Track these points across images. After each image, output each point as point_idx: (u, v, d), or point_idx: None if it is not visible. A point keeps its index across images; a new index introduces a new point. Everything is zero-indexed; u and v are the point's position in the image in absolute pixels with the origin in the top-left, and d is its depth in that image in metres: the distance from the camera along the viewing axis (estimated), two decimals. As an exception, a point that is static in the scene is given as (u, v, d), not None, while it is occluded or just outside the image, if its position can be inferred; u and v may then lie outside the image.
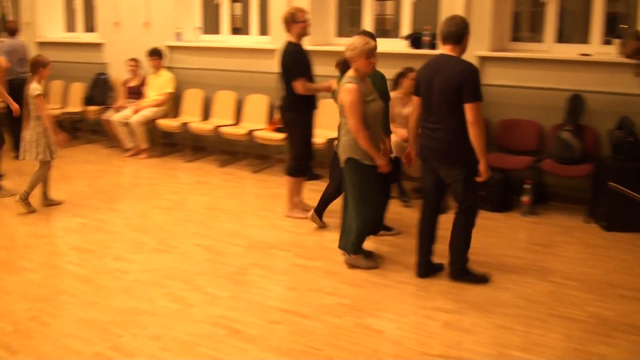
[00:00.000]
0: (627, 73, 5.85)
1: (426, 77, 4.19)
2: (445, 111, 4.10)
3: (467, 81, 4.00)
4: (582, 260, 4.88)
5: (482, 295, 4.20)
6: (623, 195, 5.38)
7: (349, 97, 4.22)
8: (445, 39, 4.15)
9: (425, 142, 4.29)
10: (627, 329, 3.81)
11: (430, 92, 4.15)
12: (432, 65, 4.20)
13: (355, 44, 4.23)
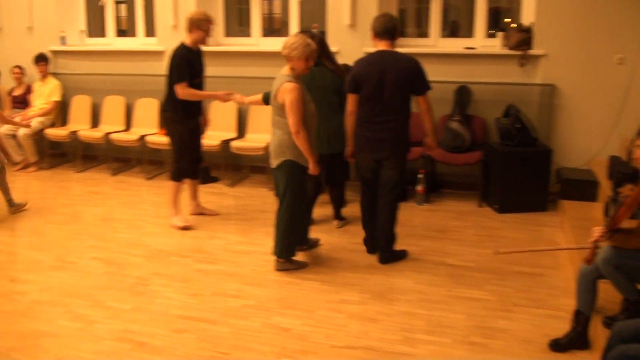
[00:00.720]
0: (511, 64, 6.16)
1: (374, 74, 4.31)
2: (398, 104, 4.34)
3: (420, 74, 4.33)
4: (478, 242, 5.10)
5: (384, 284, 4.30)
6: (513, 179, 5.70)
7: (291, 96, 4.13)
8: (382, 35, 4.35)
9: (373, 135, 4.42)
10: (526, 303, 4.03)
11: (379, 87, 4.31)
12: (377, 62, 4.34)
13: (295, 45, 4.16)
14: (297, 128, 4.16)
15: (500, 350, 3.47)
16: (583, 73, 6.01)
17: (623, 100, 5.95)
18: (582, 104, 6.07)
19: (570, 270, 4.43)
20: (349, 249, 4.90)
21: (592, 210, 5.31)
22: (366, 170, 4.61)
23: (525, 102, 6.10)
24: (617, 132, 5.97)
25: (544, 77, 6.09)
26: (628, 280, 3.16)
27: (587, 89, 6.03)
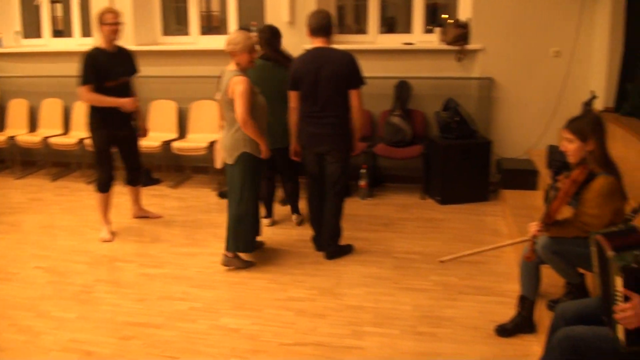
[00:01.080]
0: (449, 59, 6.26)
1: (310, 70, 4.36)
2: (334, 99, 4.38)
3: (354, 69, 4.37)
4: (421, 234, 5.16)
5: (331, 279, 4.31)
6: (454, 171, 5.80)
7: (241, 87, 4.17)
8: (317, 32, 4.40)
9: (314, 130, 4.48)
10: (470, 290, 4.11)
11: (316, 83, 4.36)
12: (313, 59, 4.39)
13: (237, 39, 4.23)
14: (244, 118, 4.18)
15: (447, 338, 3.52)
16: (520, 66, 6.16)
17: (560, 92, 6.12)
18: (519, 96, 6.22)
19: (513, 257, 4.53)
20: (294, 247, 4.90)
21: (532, 199, 5.45)
22: (311, 165, 4.64)
23: (463, 95, 6.20)
24: (555, 123, 6.13)
25: (482, 71, 6.21)
26: (568, 264, 3.25)
27: (524, 81, 6.18)
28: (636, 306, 2.29)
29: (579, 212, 3.12)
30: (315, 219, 4.77)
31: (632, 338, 2.36)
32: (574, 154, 3.15)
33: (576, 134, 3.12)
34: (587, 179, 3.07)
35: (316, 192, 4.72)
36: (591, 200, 3.05)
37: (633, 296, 2.30)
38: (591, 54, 6.00)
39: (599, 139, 3.10)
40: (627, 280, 2.32)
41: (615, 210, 3.02)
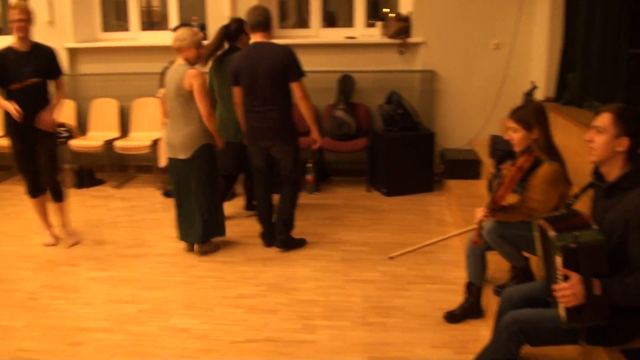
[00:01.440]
0: (391, 52, 6.32)
1: (248, 65, 4.38)
2: (274, 93, 4.38)
3: (291, 62, 4.37)
4: (369, 226, 5.20)
5: (281, 275, 4.30)
6: (399, 163, 5.86)
7: (199, 81, 4.27)
8: (255, 27, 4.41)
9: (256, 124, 4.49)
10: (418, 280, 4.17)
11: (255, 78, 4.37)
12: (251, 54, 4.40)
13: (184, 35, 4.33)
14: (209, 111, 4.34)
15: (397, 327, 3.56)
16: (461, 58, 6.26)
17: (501, 83, 6.25)
18: (461, 88, 6.32)
19: (460, 246, 4.61)
20: (242, 243, 4.86)
21: (476, 187, 5.55)
22: (257, 159, 4.63)
23: (406, 88, 6.26)
24: (497, 113, 6.27)
25: (424, 64, 6.29)
26: (513, 248, 3.32)
27: (465, 73, 6.29)
28: (574, 285, 2.37)
29: (525, 197, 3.19)
30: (264, 214, 4.75)
31: (572, 315, 2.44)
32: (519, 142, 3.21)
33: (520, 123, 3.18)
34: (533, 166, 3.15)
35: (263, 187, 4.70)
36: (537, 186, 3.12)
37: (572, 275, 2.39)
38: (531, 45, 6.15)
39: (543, 127, 3.18)
40: (566, 260, 2.40)
41: (560, 196, 3.11)
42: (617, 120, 2.47)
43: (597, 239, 2.38)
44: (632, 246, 2.37)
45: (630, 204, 2.39)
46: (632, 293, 2.32)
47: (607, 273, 2.39)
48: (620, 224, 2.41)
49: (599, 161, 2.54)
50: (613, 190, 2.51)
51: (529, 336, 2.58)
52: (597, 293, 2.35)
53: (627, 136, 2.45)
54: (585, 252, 2.37)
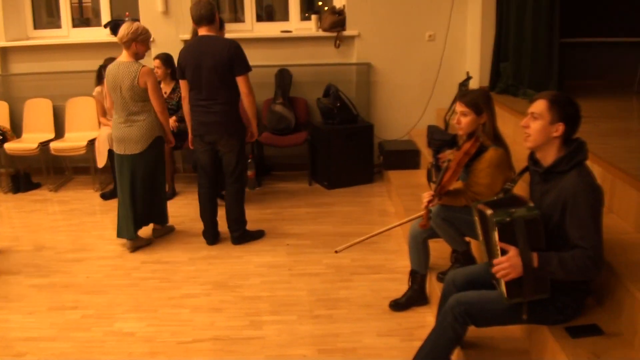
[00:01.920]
0: (327, 45, 6.34)
1: (192, 59, 4.37)
2: (219, 87, 4.38)
3: (237, 56, 4.37)
4: (311, 219, 5.23)
5: (225, 273, 4.28)
6: (339, 156, 5.90)
7: (152, 78, 4.41)
8: (200, 21, 4.39)
9: (202, 118, 4.49)
10: (362, 271, 4.22)
11: (199, 72, 4.36)
12: (196, 48, 4.40)
13: (140, 29, 4.40)
14: (162, 107, 4.48)
15: (344, 319, 3.60)
16: (396, 51, 6.33)
17: (436, 74, 6.36)
18: (397, 80, 6.40)
19: (402, 235, 4.69)
20: (185, 243, 4.81)
21: (415, 177, 5.64)
22: (202, 154, 4.60)
23: (343, 81, 6.30)
24: (433, 104, 6.39)
25: (360, 57, 6.33)
26: (456, 231, 3.39)
27: (401, 65, 6.37)
28: (511, 258, 2.46)
29: (471, 182, 3.26)
30: (207, 213, 4.72)
31: (512, 290, 2.53)
32: (467, 126, 3.26)
33: (471, 107, 3.23)
34: (478, 152, 3.22)
35: (207, 183, 4.67)
36: (483, 170, 3.19)
37: (509, 248, 2.47)
38: (465, 36, 6.28)
39: (491, 113, 3.25)
40: (502, 234, 2.48)
41: (504, 181, 3.18)
42: (551, 106, 2.55)
43: (531, 213, 2.47)
44: (570, 226, 2.46)
45: (567, 186, 2.48)
46: (568, 266, 2.42)
47: (544, 248, 2.49)
48: (558, 206, 2.50)
49: (535, 147, 2.62)
50: (549, 175, 2.60)
51: (473, 317, 2.65)
52: (535, 265, 2.44)
53: (562, 122, 2.53)
54: (520, 225, 2.46)
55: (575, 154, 2.53)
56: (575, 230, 2.44)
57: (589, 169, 2.54)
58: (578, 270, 2.41)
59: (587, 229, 2.42)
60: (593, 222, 2.43)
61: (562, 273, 2.44)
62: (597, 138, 4.09)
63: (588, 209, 2.43)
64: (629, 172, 3.24)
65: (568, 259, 2.42)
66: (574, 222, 2.45)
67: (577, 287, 2.60)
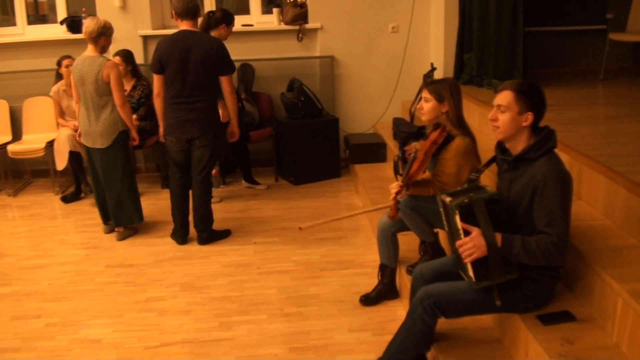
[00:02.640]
0: (290, 39, 6.28)
1: (179, 53, 4.29)
2: (204, 84, 4.36)
3: (224, 55, 4.39)
4: (280, 216, 5.18)
5: (192, 274, 4.21)
6: (305, 151, 5.85)
7: (115, 71, 4.42)
8: (184, 15, 4.33)
9: (183, 116, 4.41)
10: (332, 266, 4.20)
11: (185, 67, 4.30)
12: (182, 42, 4.31)
13: (107, 24, 4.44)
14: (123, 101, 4.46)
15: (314, 316, 3.57)
16: (359, 43, 6.31)
17: (400, 66, 6.35)
18: (361, 72, 6.38)
19: (370, 229, 4.67)
20: (148, 244, 4.72)
21: (382, 170, 5.63)
22: (178, 154, 4.53)
23: (307, 74, 6.26)
24: (398, 96, 6.39)
25: (323, 50, 6.29)
26: (424, 221, 3.37)
27: (365, 57, 6.34)
28: (474, 237, 2.46)
29: (438, 172, 3.25)
30: (180, 212, 4.65)
31: (480, 273, 2.53)
32: (428, 112, 3.28)
33: (434, 94, 3.26)
34: (445, 142, 3.21)
35: (180, 182, 4.61)
36: (449, 159, 3.19)
37: (472, 229, 2.47)
38: (428, 27, 6.28)
39: (454, 102, 3.26)
40: (462, 216, 2.47)
41: (471, 170, 3.17)
42: (518, 96, 2.55)
43: (490, 193, 2.50)
44: (537, 213, 2.47)
45: (537, 173, 2.49)
46: (531, 250, 2.44)
47: (508, 231, 2.50)
48: (527, 192, 2.51)
49: (505, 138, 2.63)
50: (519, 162, 2.60)
51: (443, 308, 2.64)
52: (499, 245, 2.44)
53: (530, 111, 2.53)
54: (480, 205, 2.47)
55: (545, 141, 2.54)
56: (542, 216, 2.45)
57: (558, 157, 2.55)
58: (541, 255, 2.43)
59: (554, 216, 2.43)
60: (561, 210, 2.44)
61: (525, 256, 2.45)
62: (564, 126, 4.11)
63: (557, 196, 2.43)
64: (596, 159, 3.26)
65: (532, 243, 2.44)
66: (542, 208, 2.46)
67: (546, 273, 2.60)
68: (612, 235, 2.90)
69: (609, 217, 3.07)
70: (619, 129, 4.11)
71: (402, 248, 3.67)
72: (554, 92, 5.47)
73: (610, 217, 3.06)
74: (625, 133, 4.00)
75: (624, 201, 2.92)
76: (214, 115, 4.52)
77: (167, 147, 4.59)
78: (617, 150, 3.52)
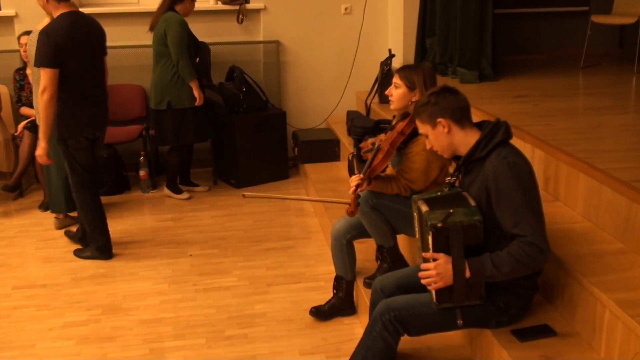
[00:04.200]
0: (228, 20, 6.25)
1: (83, 40, 4.22)
2: (103, 71, 4.44)
3: (104, 35, 4.44)
4: (219, 224, 5.14)
5: (116, 293, 4.13)
6: (247, 149, 5.82)
7: None
8: None
9: (95, 110, 4.39)
10: (280, 280, 4.19)
11: (90, 56, 4.29)
12: (80, 26, 4.22)
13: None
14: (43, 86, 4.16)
15: (261, 337, 3.55)
16: (309, 26, 6.32)
17: (354, 52, 6.37)
18: (311, 59, 6.39)
19: (323, 237, 4.67)
20: (65, 260, 4.63)
21: (335, 170, 5.65)
22: (87, 156, 4.43)
23: (249, 62, 6.24)
24: (352, 86, 6.42)
25: (266, 34, 6.28)
26: (385, 223, 3.35)
27: (314, 42, 6.36)
28: (439, 265, 2.46)
29: (405, 167, 3.24)
30: (103, 222, 4.58)
31: (442, 296, 2.54)
32: (397, 99, 3.29)
33: (404, 80, 3.26)
34: (413, 134, 3.20)
35: (94, 186, 4.52)
36: (418, 154, 3.19)
37: (439, 257, 2.47)
38: (386, 8, 6.34)
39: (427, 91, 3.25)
40: (435, 240, 2.47)
41: (442, 168, 3.20)
42: (420, 118, 2.70)
43: (472, 219, 2.46)
44: (500, 215, 2.47)
45: (486, 171, 2.51)
46: (506, 265, 2.42)
47: (481, 251, 2.50)
48: (482, 196, 2.52)
49: (447, 155, 2.71)
50: (469, 165, 2.63)
51: (405, 324, 2.64)
52: (467, 275, 2.45)
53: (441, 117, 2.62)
54: (457, 232, 2.45)
55: (491, 136, 2.56)
56: (507, 218, 2.46)
57: (511, 148, 2.57)
58: (519, 264, 2.42)
59: (518, 212, 2.43)
60: (524, 204, 2.43)
61: (501, 275, 2.44)
62: (539, 119, 4.20)
63: (514, 190, 2.44)
64: (575, 156, 3.31)
65: (504, 257, 2.42)
66: (503, 209, 2.46)
67: (520, 282, 2.62)
68: (595, 239, 2.95)
69: (591, 219, 3.13)
70: (601, 122, 4.19)
71: (360, 257, 3.67)
72: (528, 81, 5.58)
73: (592, 218, 3.12)
74: (608, 126, 4.09)
75: (609, 201, 2.98)
76: None
77: (72, 152, 4.38)
78: (599, 146, 3.60)
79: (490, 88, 5.36)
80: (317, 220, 5.09)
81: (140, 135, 5.88)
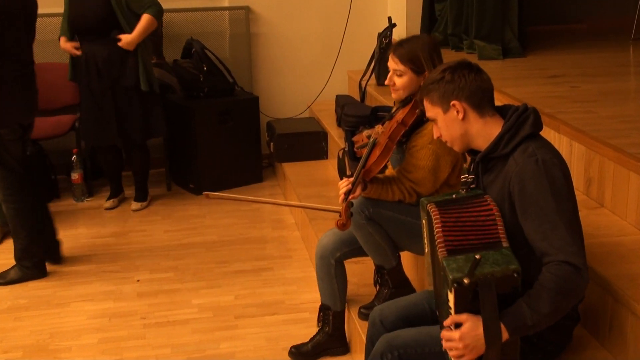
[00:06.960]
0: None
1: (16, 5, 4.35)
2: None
3: None
4: (174, 241, 5.16)
5: (42, 329, 4.11)
6: (210, 145, 5.80)
7: None
8: None
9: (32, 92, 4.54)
10: (252, 312, 4.19)
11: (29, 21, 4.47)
12: None
13: None
14: None
15: (228, 387, 3.55)
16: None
17: (345, 22, 6.36)
18: (290, 31, 6.41)
19: (307, 257, 4.67)
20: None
21: (321, 171, 5.67)
22: (15, 146, 4.50)
23: (211, 34, 6.24)
24: (342, 64, 6.41)
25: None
26: (385, 238, 3.32)
27: (294, 10, 6.38)
28: (466, 336, 2.33)
29: (408, 165, 3.21)
30: (49, 224, 4.71)
31: None
32: (402, 89, 3.22)
33: (407, 64, 3.19)
34: (417, 124, 3.18)
35: (37, 188, 4.68)
36: (424, 148, 3.16)
37: (462, 320, 2.34)
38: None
39: None
40: (458, 299, 2.34)
41: (454, 164, 3.18)
42: (431, 98, 2.60)
43: (508, 269, 2.30)
44: (526, 226, 2.41)
45: (510, 172, 2.44)
46: (544, 303, 2.27)
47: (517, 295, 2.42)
48: (505, 203, 2.44)
49: (460, 149, 2.67)
50: (489, 162, 2.58)
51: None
52: (505, 338, 2.36)
53: (455, 100, 2.54)
54: (488, 287, 2.32)
55: (517, 128, 2.52)
56: (534, 230, 2.38)
57: (542, 141, 2.51)
58: (559, 296, 2.31)
59: (549, 222, 2.34)
60: (556, 212, 2.37)
61: (544, 319, 2.34)
62: (578, 105, 4.19)
63: (543, 194, 2.38)
64: (624, 151, 3.30)
65: (539, 294, 2.30)
66: (530, 219, 2.39)
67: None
68: (651, 256, 2.95)
69: (646, 231, 3.13)
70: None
71: (352, 281, 3.67)
72: (564, 57, 5.60)
73: (648, 230, 3.12)
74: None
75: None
76: None
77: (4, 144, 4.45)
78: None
79: (516, 66, 5.38)
80: (298, 234, 5.10)
81: (72, 128, 5.85)
